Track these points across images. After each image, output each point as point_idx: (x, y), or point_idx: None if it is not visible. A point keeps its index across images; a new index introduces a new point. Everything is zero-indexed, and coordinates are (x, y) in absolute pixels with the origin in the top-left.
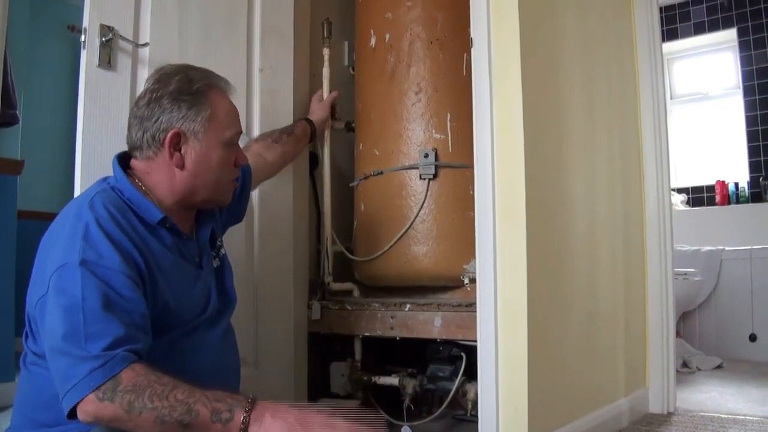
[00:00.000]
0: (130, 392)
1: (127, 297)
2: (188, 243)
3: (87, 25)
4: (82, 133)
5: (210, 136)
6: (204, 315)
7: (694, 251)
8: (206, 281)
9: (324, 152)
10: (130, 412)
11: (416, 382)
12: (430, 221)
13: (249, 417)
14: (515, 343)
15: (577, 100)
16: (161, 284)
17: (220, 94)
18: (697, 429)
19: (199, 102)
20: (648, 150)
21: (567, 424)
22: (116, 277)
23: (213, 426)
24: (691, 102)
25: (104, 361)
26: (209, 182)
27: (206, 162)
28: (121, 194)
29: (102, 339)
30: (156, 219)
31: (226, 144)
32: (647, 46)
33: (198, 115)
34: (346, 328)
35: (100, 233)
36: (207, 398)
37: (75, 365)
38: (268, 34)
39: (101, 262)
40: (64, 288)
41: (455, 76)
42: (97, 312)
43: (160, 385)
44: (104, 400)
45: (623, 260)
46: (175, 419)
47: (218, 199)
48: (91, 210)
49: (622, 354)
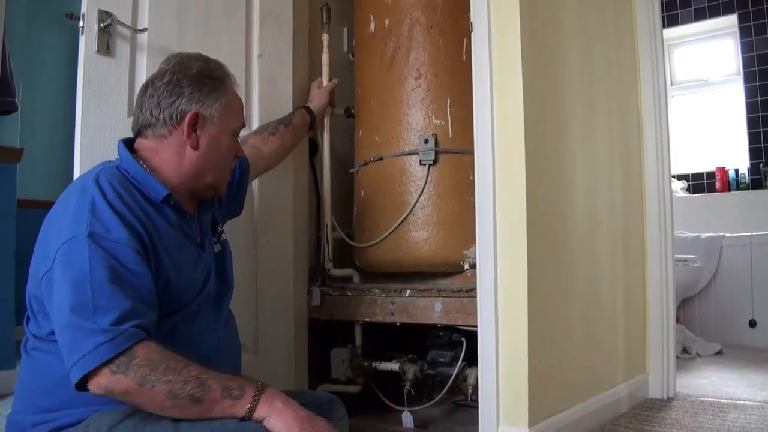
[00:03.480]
0: (145, 366)
1: (133, 271)
2: (191, 223)
3: (85, 10)
4: (81, 119)
5: (224, 123)
6: (204, 291)
7: (694, 238)
8: (207, 263)
9: (323, 139)
10: (143, 386)
11: (416, 367)
12: (430, 207)
13: (260, 397)
14: (515, 328)
15: (578, 86)
16: (164, 260)
17: (234, 87)
18: (697, 414)
19: (218, 89)
20: (648, 136)
21: (567, 409)
22: (123, 251)
23: (222, 401)
24: (692, 88)
25: (113, 336)
26: (216, 166)
27: (217, 146)
28: (126, 173)
29: (110, 312)
30: (161, 195)
31: (234, 133)
32: (648, 32)
33: (217, 101)
34: (347, 314)
35: (106, 207)
36: (219, 376)
37: (83, 338)
38: (267, 20)
39: (108, 235)
40: (71, 261)
41: (455, 61)
42: (104, 284)
43: (174, 361)
44: (117, 373)
45: (623, 246)
46: (187, 393)
47: (218, 185)
48: (97, 185)
49: (622, 339)
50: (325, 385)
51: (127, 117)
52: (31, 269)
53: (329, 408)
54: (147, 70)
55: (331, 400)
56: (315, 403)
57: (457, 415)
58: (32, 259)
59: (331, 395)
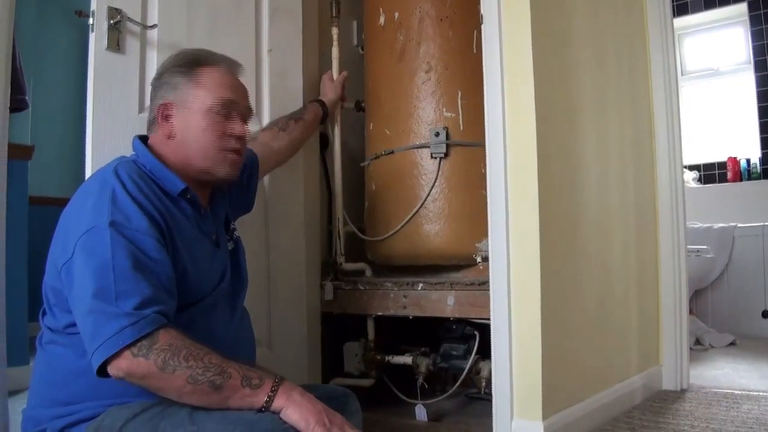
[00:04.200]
0: (166, 350)
1: (155, 259)
2: (206, 218)
3: (95, 7)
4: (92, 116)
5: (196, 102)
6: (220, 286)
7: (706, 228)
8: (222, 260)
9: (334, 133)
10: (164, 370)
11: (429, 361)
12: (441, 200)
13: (278, 388)
14: (528, 321)
15: (588, 77)
16: (182, 251)
17: (216, 67)
18: (710, 405)
19: (188, 73)
20: (660, 127)
21: (581, 401)
22: (144, 240)
23: (242, 390)
24: (702, 78)
25: (136, 320)
26: (198, 150)
27: (190, 129)
28: (143, 167)
29: (132, 297)
30: (178, 189)
31: (210, 111)
32: (658, 21)
33: (186, 85)
34: (359, 307)
35: (127, 197)
36: (239, 365)
37: (106, 322)
38: (277, 14)
39: (129, 224)
40: (93, 249)
41: (465, 53)
42: (126, 271)
43: (195, 348)
44: (138, 356)
45: (636, 238)
46: (208, 379)
47: (215, 171)
48: (117, 177)
49: (636, 331)
50: (338, 379)
51: (138, 113)
52: (49, 261)
53: (343, 402)
54: (157, 66)
55: (345, 394)
56: (329, 396)
57: (471, 408)
58: (50, 251)
59: (345, 389)
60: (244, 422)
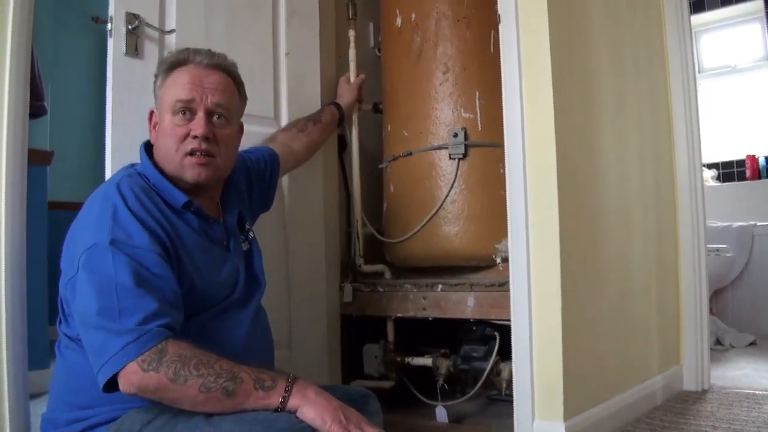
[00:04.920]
0: (176, 362)
1: (157, 274)
2: (215, 226)
3: (113, 13)
4: (112, 120)
5: (163, 101)
6: (233, 296)
7: (725, 227)
8: (234, 264)
9: (352, 135)
10: (176, 381)
11: (450, 362)
12: (460, 201)
13: (292, 387)
14: (549, 321)
15: (606, 76)
16: (187, 265)
17: (186, 67)
18: (732, 406)
19: (164, 77)
20: (678, 126)
21: (602, 402)
22: (146, 256)
23: (255, 393)
24: (719, 75)
25: (138, 335)
26: (165, 156)
27: (160, 135)
28: (146, 179)
29: (135, 314)
30: (180, 203)
31: (173, 110)
32: (675, 18)
33: (159, 89)
34: (379, 309)
35: (128, 214)
36: (251, 369)
37: (110, 339)
38: (293, 18)
39: (130, 241)
40: (95, 267)
41: (483, 53)
42: (129, 288)
43: (205, 356)
44: (149, 370)
45: (655, 237)
46: (220, 386)
47: (184, 176)
48: (118, 192)
49: (656, 331)
50: (358, 381)
51: None
52: (61, 271)
53: (363, 402)
54: None
55: (365, 395)
56: (349, 397)
57: (491, 409)
58: (61, 261)
59: (365, 390)
60: (260, 422)
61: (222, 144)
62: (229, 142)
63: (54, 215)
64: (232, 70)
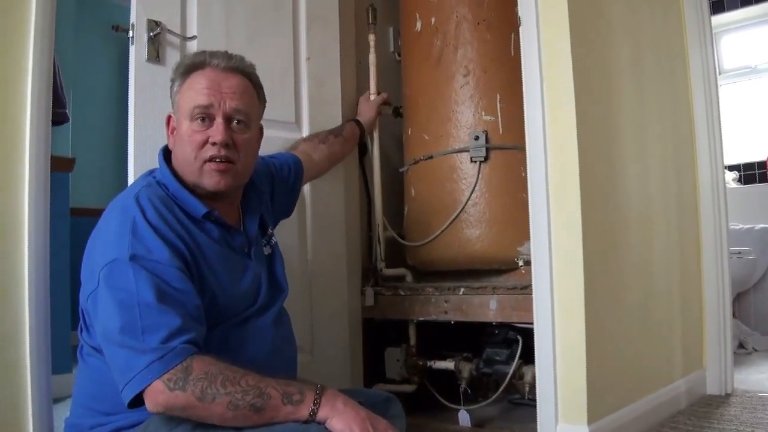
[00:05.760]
0: (203, 380)
1: (179, 289)
2: (236, 234)
3: (135, 20)
4: (134, 126)
5: (181, 106)
6: (255, 306)
7: (747, 229)
8: (256, 272)
9: (373, 139)
10: (203, 399)
11: (472, 366)
12: (482, 204)
13: (320, 399)
14: (572, 324)
15: (627, 78)
16: (208, 277)
17: (203, 71)
18: (756, 410)
19: (180, 82)
20: (700, 127)
21: (626, 406)
22: (167, 271)
23: (284, 408)
24: (740, 76)
25: (162, 354)
26: (183, 164)
27: (177, 142)
28: (166, 189)
29: (159, 331)
30: (200, 213)
31: (191, 116)
32: (696, 19)
33: (176, 95)
34: (400, 313)
35: (147, 228)
36: (277, 383)
37: (134, 358)
38: (314, 23)
39: (151, 256)
40: (116, 283)
41: (503, 56)
42: (152, 305)
43: (231, 372)
44: (175, 389)
45: (678, 241)
46: (248, 403)
47: (203, 183)
48: (138, 204)
49: (679, 335)
50: (380, 385)
51: None
52: (82, 285)
53: (386, 406)
54: None
55: (387, 398)
56: (372, 401)
57: (514, 413)
58: (81, 270)
59: (388, 393)
60: None
61: (242, 149)
62: (248, 147)
63: (76, 221)
64: (251, 72)
